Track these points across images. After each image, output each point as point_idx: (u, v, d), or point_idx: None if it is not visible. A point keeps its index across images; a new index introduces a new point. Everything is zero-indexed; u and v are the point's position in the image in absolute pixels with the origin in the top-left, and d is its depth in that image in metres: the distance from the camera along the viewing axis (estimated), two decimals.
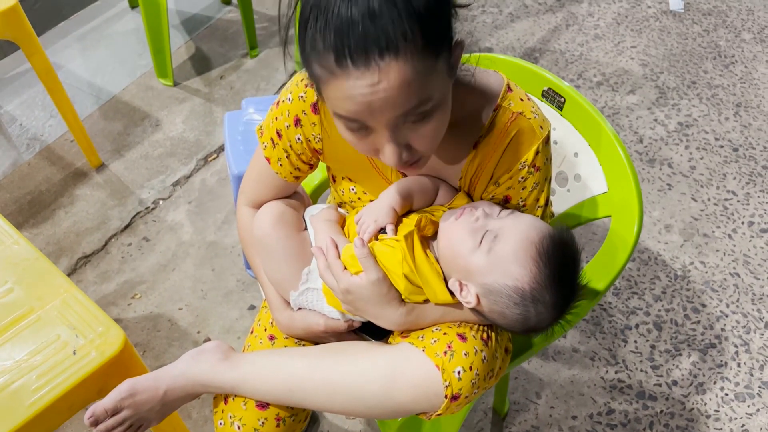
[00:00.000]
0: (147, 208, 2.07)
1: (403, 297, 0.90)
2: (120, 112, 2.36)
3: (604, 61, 2.76)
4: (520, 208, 0.95)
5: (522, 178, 0.92)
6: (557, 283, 0.83)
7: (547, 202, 0.97)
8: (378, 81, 0.69)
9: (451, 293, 0.89)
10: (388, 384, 0.86)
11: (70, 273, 1.89)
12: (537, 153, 0.90)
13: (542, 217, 0.96)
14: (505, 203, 0.95)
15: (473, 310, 0.89)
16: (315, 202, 1.25)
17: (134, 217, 2.05)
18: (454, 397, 0.83)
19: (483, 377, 0.86)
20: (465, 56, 0.86)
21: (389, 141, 0.76)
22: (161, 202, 2.10)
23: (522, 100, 0.91)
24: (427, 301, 0.91)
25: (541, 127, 0.91)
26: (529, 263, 0.83)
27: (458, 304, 0.90)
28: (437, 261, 0.91)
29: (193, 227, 2.02)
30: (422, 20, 0.68)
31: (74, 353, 1.04)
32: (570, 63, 2.74)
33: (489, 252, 0.85)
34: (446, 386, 0.82)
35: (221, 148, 2.26)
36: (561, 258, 0.84)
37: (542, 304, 0.84)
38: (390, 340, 0.98)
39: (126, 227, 2.02)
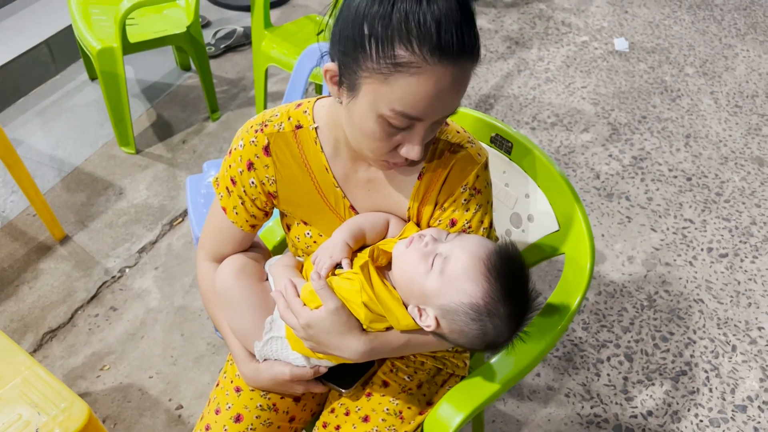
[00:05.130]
0: (113, 277, 2.06)
1: (364, 326, 0.92)
2: (83, 183, 2.36)
3: (557, 103, 2.85)
4: (467, 231, 0.99)
5: (464, 200, 0.97)
6: (509, 295, 0.86)
7: (491, 225, 1.02)
8: (458, 78, 0.78)
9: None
10: None
11: (36, 349, 1.86)
12: (477, 177, 0.97)
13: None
14: (452, 226, 0.99)
15: (434, 333, 0.91)
16: None
17: (100, 287, 2.03)
18: None
19: None
20: None
21: (423, 137, 0.83)
22: (127, 270, 2.08)
23: (458, 132, 0.99)
24: (389, 329, 0.93)
25: (479, 154, 0.98)
26: (480, 279, 0.85)
27: (421, 330, 0.92)
28: (395, 289, 0.93)
29: (160, 293, 2.01)
30: (479, 40, 0.80)
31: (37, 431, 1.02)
32: (524, 106, 2.82)
33: (441, 273, 0.87)
34: None
35: (186, 212, 2.27)
36: (509, 271, 0.87)
37: (498, 317, 0.86)
38: None
39: (92, 298, 2.00)
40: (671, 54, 3.21)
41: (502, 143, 1.26)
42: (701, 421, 1.72)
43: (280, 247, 1.33)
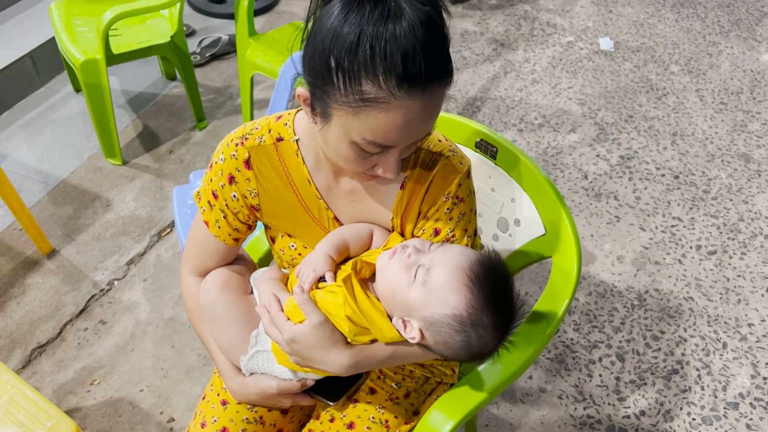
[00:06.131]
0: (102, 290, 2.04)
1: (348, 339, 0.91)
2: (69, 196, 2.35)
3: (544, 104, 2.86)
4: (451, 240, 0.99)
5: (447, 209, 0.97)
6: (492, 305, 0.86)
7: (476, 233, 1.02)
8: (427, 106, 0.77)
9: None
10: None
11: (25, 365, 1.84)
12: (459, 185, 0.97)
13: (472, 247, 0.99)
14: (435, 236, 0.99)
15: (420, 345, 0.91)
16: None
17: (89, 300, 2.01)
18: None
19: None
20: None
21: (397, 158, 0.84)
22: (116, 282, 2.07)
23: (440, 141, 0.98)
24: (373, 341, 0.92)
25: (461, 163, 0.97)
26: (463, 290, 0.85)
27: (406, 342, 0.92)
28: (379, 301, 0.93)
29: (150, 305, 2.00)
30: (450, 62, 0.78)
31: None
32: (511, 108, 2.83)
33: (424, 285, 0.87)
34: None
35: (174, 223, 2.26)
36: (492, 280, 0.87)
37: (482, 327, 0.86)
38: None
39: (81, 312, 1.98)
40: (656, 53, 3.23)
41: (488, 148, 1.26)
42: (694, 419, 1.72)
43: (266, 259, 1.33)
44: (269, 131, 0.97)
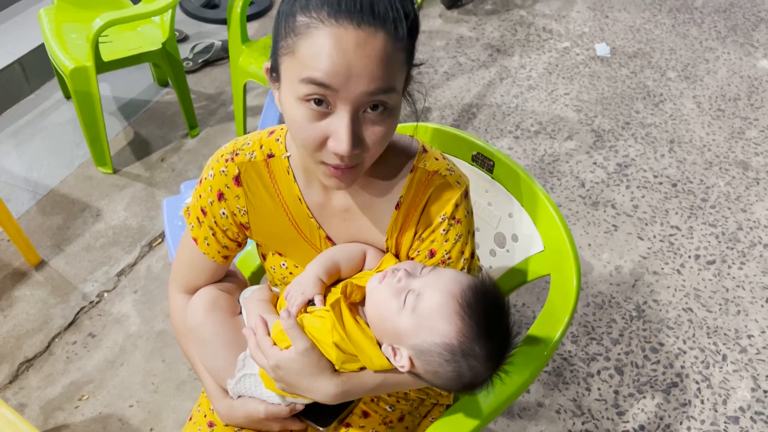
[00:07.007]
0: (91, 302, 2.00)
1: (336, 367, 0.88)
2: (58, 206, 2.31)
3: (540, 110, 2.83)
4: (446, 262, 0.95)
5: (443, 230, 0.93)
6: (485, 334, 0.81)
7: (473, 255, 0.97)
8: (364, 43, 0.71)
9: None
10: None
11: (12, 380, 1.80)
12: (456, 206, 0.93)
13: (469, 270, 0.96)
14: (431, 258, 0.95)
15: (410, 372, 0.87)
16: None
17: (78, 313, 1.97)
18: None
19: None
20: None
21: (347, 123, 0.75)
22: (106, 294, 2.03)
23: (437, 159, 0.94)
24: (362, 369, 0.89)
25: (458, 183, 0.93)
26: (454, 317, 0.81)
27: (396, 369, 0.88)
28: (369, 327, 0.89)
29: (140, 318, 1.96)
30: (408, 18, 0.75)
31: None
32: (507, 115, 2.80)
33: (413, 311, 0.83)
34: None
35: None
36: (485, 308, 0.82)
37: (473, 357, 0.81)
38: None
39: (70, 325, 1.94)
40: (653, 58, 3.20)
41: (484, 162, 1.23)
42: None
43: (259, 273, 1.29)
44: (260, 147, 0.94)
